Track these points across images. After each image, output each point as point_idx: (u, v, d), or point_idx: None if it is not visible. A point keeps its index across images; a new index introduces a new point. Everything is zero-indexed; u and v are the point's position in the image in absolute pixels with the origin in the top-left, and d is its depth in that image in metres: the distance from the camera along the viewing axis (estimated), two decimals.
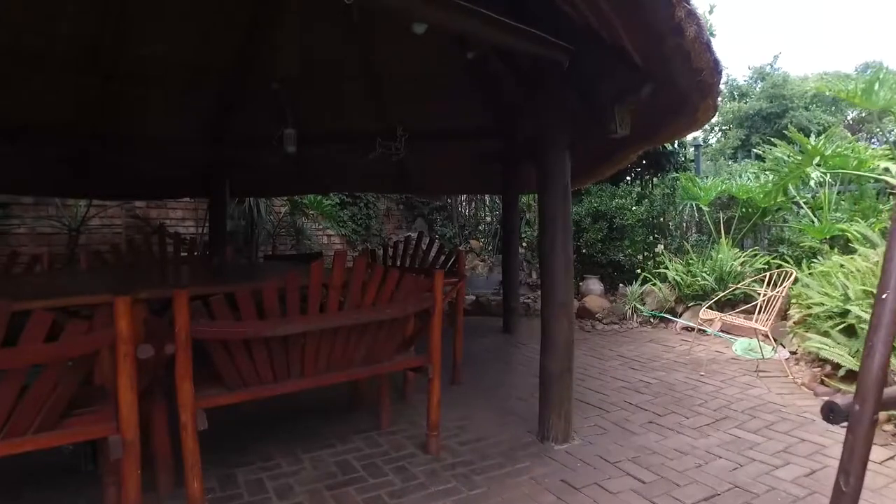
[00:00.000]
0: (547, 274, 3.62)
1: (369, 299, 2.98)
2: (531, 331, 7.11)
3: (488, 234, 10.98)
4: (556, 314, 3.62)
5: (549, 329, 3.66)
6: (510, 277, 6.96)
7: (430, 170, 7.42)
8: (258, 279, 3.93)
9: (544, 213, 3.64)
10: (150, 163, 6.65)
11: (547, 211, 3.62)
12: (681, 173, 8.12)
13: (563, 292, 3.61)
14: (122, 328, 2.28)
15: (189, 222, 8.64)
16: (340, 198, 10.18)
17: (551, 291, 3.62)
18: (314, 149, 7.02)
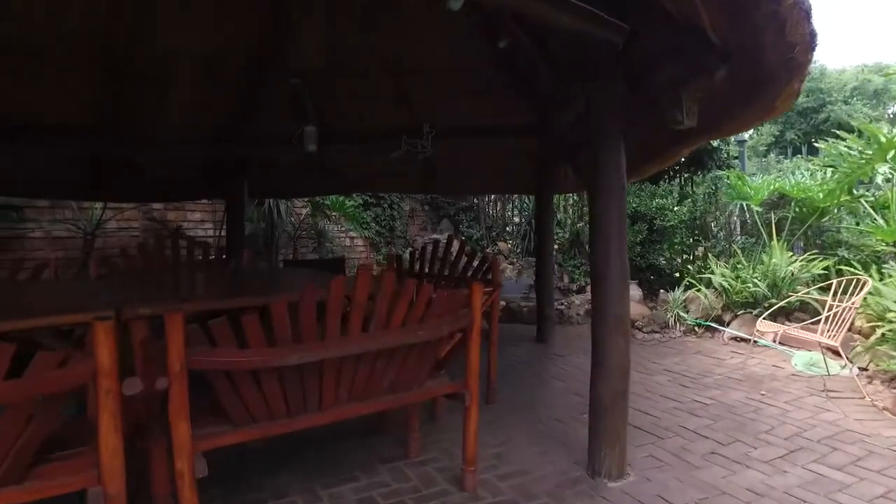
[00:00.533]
0: (600, 284, 3.15)
1: (398, 319, 2.54)
2: (567, 340, 6.63)
3: (516, 235, 10.50)
4: (611, 331, 3.14)
5: (602, 348, 3.17)
6: (544, 283, 6.48)
7: (459, 169, 6.97)
8: (273, 291, 3.52)
9: (598, 215, 3.16)
10: (165, 163, 6.32)
11: (600, 213, 3.15)
12: (727, 171, 7.54)
13: (619, 305, 3.13)
14: (103, 359, 1.88)
15: (208, 225, 8.32)
16: (364, 198, 9.79)
17: (605, 304, 3.14)
18: (336, 147, 6.62)
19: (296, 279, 4.26)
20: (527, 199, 10.69)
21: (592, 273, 3.24)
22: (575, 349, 6.19)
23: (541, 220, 6.52)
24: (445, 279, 4.94)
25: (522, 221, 10.58)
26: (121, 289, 3.64)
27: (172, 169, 6.32)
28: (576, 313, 7.65)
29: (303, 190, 7.37)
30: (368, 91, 6.42)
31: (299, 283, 4.06)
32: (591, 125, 3.24)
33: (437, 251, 5.23)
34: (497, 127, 6.42)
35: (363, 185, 7.22)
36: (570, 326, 7.44)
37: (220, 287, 4.00)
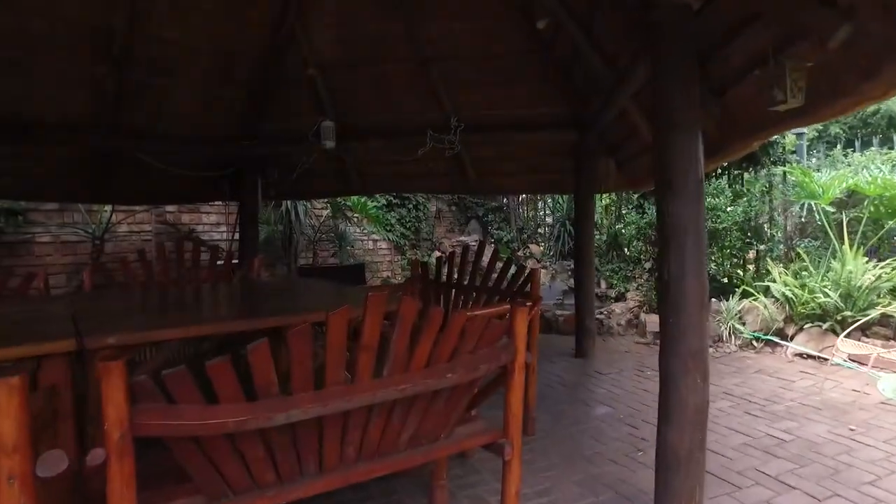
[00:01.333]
0: (672, 310, 2.50)
1: (421, 359, 1.95)
2: (609, 355, 5.96)
3: (549, 237, 9.83)
4: (687, 368, 2.49)
5: (674, 387, 2.53)
6: (584, 292, 5.83)
7: (490, 166, 6.36)
8: (277, 308, 2.97)
9: (668, 221, 2.52)
10: (172, 161, 5.84)
11: (671, 218, 2.51)
12: (789, 166, 6.77)
13: (697, 337, 2.49)
14: (5, 431, 1.33)
15: (223, 228, 7.87)
16: (387, 199, 9.25)
17: (679, 333, 2.50)
18: (356, 143, 6.09)
19: (307, 294, 3.71)
20: (560, 199, 10.01)
21: (661, 295, 2.59)
22: (619, 366, 5.53)
23: (580, 223, 5.87)
24: (477, 291, 4.33)
25: (556, 222, 9.91)
26: (104, 307, 3.13)
27: (181, 168, 5.84)
28: (616, 324, 6.97)
29: (321, 190, 6.85)
30: (390, 82, 5.87)
31: (310, 299, 3.50)
32: (658, 110, 2.60)
33: (466, 258, 4.62)
34: (532, 120, 5.81)
35: (385, 185, 6.67)
36: (611, 338, 6.77)
37: (218, 305, 3.46)
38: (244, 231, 6.14)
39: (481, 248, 4.57)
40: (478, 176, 6.41)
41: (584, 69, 5.07)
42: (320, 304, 3.18)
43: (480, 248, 4.57)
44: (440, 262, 4.83)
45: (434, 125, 5.95)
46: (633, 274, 8.30)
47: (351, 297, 3.40)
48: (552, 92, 5.62)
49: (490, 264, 4.40)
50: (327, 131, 5.79)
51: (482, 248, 4.56)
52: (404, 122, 6.08)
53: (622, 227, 8.29)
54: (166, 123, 5.58)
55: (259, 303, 3.45)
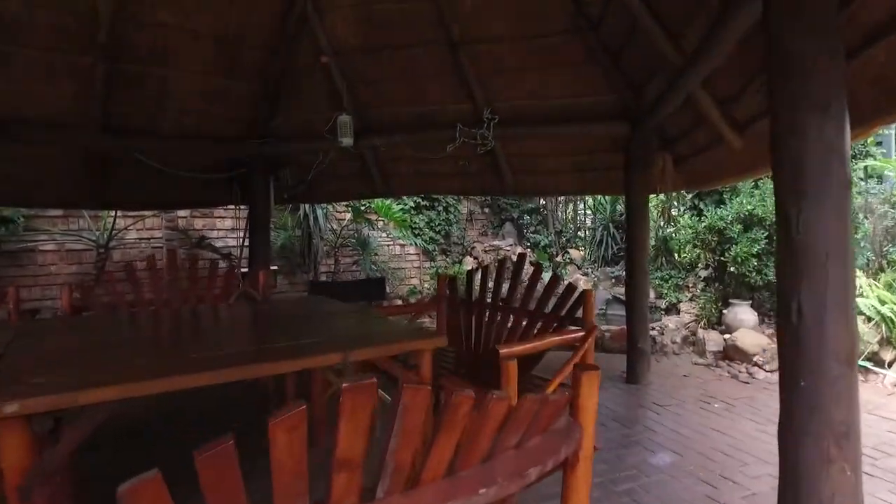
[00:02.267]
0: (806, 363, 1.73)
1: (437, 466, 1.23)
2: (665, 380, 5.13)
3: (591, 241, 9.00)
4: (827, 453, 1.71)
5: (808, 481, 1.76)
6: (637, 308, 5.02)
7: (528, 164, 5.61)
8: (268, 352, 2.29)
9: (799, 241, 1.74)
10: (175, 164, 5.27)
11: (805, 237, 1.73)
12: (872, 160, 5.83)
13: (845, 407, 1.70)
14: None
15: (240, 233, 7.29)
16: (415, 201, 8.55)
17: (817, 403, 1.72)
18: (377, 140, 5.40)
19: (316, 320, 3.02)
20: (602, 200, 9.16)
21: (787, 342, 1.81)
22: (680, 395, 4.71)
23: (632, 228, 5.06)
24: (515, 314, 3.59)
25: (597, 225, 9.07)
26: (51, 343, 2.51)
27: (184, 170, 5.26)
28: (671, 340, 6.12)
29: (340, 193, 6.20)
30: (415, 70, 5.17)
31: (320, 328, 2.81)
32: (778, 77, 1.81)
33: (502, 272, 3.89)
34: (576, 110, 5.04)
35: (411, 186, 5.99)
36: (665, 358, 5.92)
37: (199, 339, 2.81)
38: (254, 238, 5.53)
39: (521, 260, 3.82)
40: (514, 175, 5.65)
41: (639, 50, 4.28)
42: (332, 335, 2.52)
43: (520, 261, 3.83)
44: (471, 277, 4.10)
45: (465, 118, 5.24)
46: (685, 283, 7.42)
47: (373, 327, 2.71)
48: (600, 78, 4.83)
49: (532, 280, 3.65)
50: (344, 127, 5.13)
51: (522, 261, 3.81)
52: (431, 116, 5.38)
53: (674, 230, 7.42)
54: (165, 120, 5.00)
55: (251, 335, 2.78)
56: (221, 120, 5.31)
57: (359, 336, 2.49)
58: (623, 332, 6.13)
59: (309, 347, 2.27)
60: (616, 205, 9.01)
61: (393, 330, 2.68)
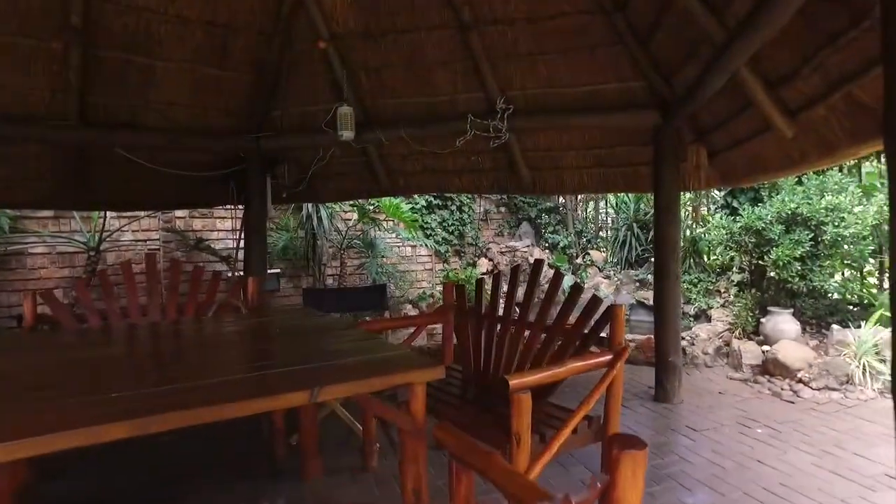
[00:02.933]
0: None
1: None
2: (698, 398, 4.59)
3: (613, 242, 8.44)
4: None
5: None
6: (667, 318, 4.49)
7: (546, 159, 5.10)
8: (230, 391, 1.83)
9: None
10: (165, 161, 4.87)
11: None
12: None
13: None
14: None
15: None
16: (427, 199, 8.08)
17: None
18: (380, 133, 4.94)
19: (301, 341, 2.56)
20: (626, 198, 8.59)
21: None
22: (716, 417, 4.17)
23: (661, 228, 4.53)
24: (531, 328, 3.10)
25: (620, 225, 8.50)
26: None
27: (174, 168, 4.85)
28: (703, 352, 5.56)
29: (343, 191, 5.74)
30: (422, 56, 4.70)
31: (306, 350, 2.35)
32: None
33: (516, 279, 3.40)
34: (600, 99, 4.53)
35: (419, 184, 5.51)
36: (697, 371, 5.37)
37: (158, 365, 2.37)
38: (250, 240, 5.10)
39: (537, 266, 3.32)
40: (530, 171, 5.15)
41: (673, 29, 3.75)
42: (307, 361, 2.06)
43: (536, 267, 3.32)
44: (480, 285, 3.61)
45: (476, 109, 4.75)
46: (715, 287, 6.84)
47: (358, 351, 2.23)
48: (626, 63, 4.32)
49: (551, 290, 3.15)
50: (344, 119, 4.68)
51: (539, 267, 3.31)
52: (439, 106, 4.91)
53: (704, 230, 6.84)
54: (151, 113, 4.59)
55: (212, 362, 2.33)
56: (214, 113, 4.89)
57: (337, 365, 2.02)
58: (650, 342, 5.60)
59: (271, 382, 1.81)
60: (640, 203, 8.44)
61: (381, 356, 2.21)
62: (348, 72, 4.79)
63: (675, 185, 4.51)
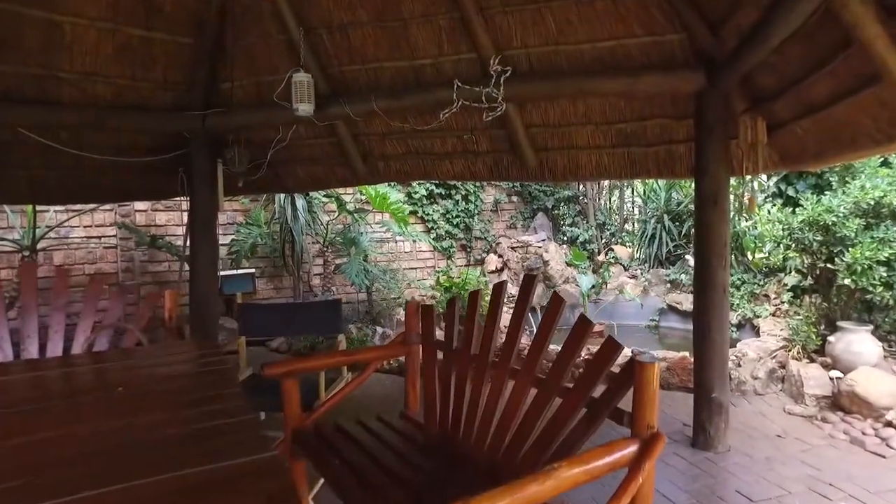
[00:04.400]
0: None
1: None
2: (751, 443, 3.47)
3: (641, 236, 7.26)
4: None
5: None
6: (711, 338, 3.37)
7: (555, 136, 4.00)
8: None
9: None
10: (92, 144, 3.94)
11: None
12: None
13: None
14: None
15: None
16: (428, 188, 7.04)
17: None
18: (348, 107, 3.89)
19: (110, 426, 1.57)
20: (655, 185, 7.39)
21: None
22: (778, 476, 3.06)
23: (705, 225, 3.40)
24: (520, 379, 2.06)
25: (649, 217, 7.31)
26: None
27: (108, 152, 3.92)
28: (751, 375, 4.40)
29: (311, 180, 4.71)
30: (397, 9, 3.62)
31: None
32: None
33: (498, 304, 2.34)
34: (623, 57, 3.41)
35: (400, 170, 4.43)
36: (744, 401, 4.23)
37: None
38: (196, 239, 4.13)
39: (527, 286, 2.24)
40: (536, 153, 4.05)
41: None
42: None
43: (526, 287, 2.25)
44: (453, 308, 2.55)
45: (466, 74, 3.69)
46: (763, 291, 5.65)
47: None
48: (657, 11, 3.18)
49: (546, 321, 2.09)
50: (301, 89, 3.66)
51: (529, 287, 2.23)
52: (421, 73, 3.85)
53: (751, 223, 5.65)
54: (63, 86, 3.64)
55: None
56: (146, 85, 3.93)
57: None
58: (685, 363, 4.48)
59: None
60: (671, 191, 7.24)
61: (211, 467, 1.19)
62: (306, 30, 3.76)
63: (724, 169, 3.37)
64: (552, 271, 6.86)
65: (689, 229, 6.85)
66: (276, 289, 6.20)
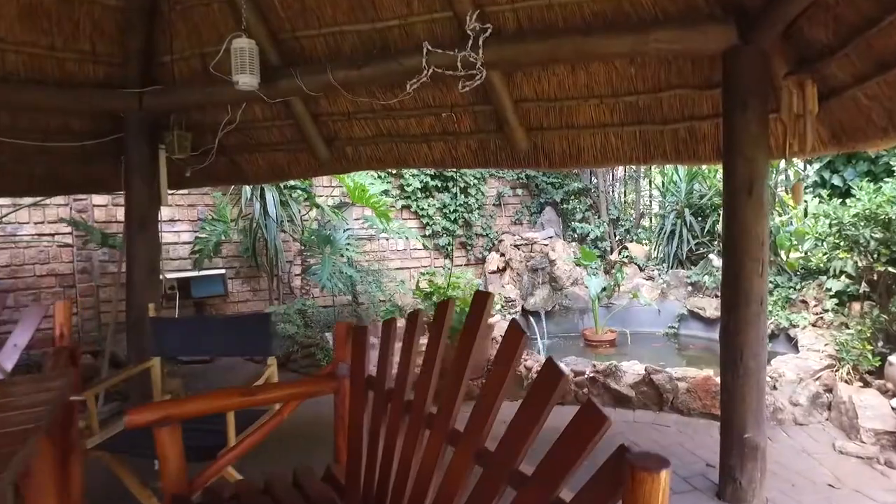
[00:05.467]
0: None
1: None
2: (794, 496, 2.70)
3: (658, 233, 6.46)
4: None
5: None
6: (745, 369, 2.62)
7: (550, 113, 3.27)
8: None
9: None
10: (5, 124, 3.34)
11: None
12: None
13: None
14: None
15: (182, 225, 5.35)
16: (422, 179, 6.33)
17: None
18: (302, 80, 3.22)
19: None
20: (674, 174, 6.59)
21: None
22: None
23: (737, 222, 2.64)
24: (457, 445, 1.35)
25: (668, 211, 6.50)
26: None
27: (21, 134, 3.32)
28: (790, 400, 3.62)
29: (271, 170, 4.02)
30: None
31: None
32: None
33: (437, 337, 1.64)
34: (632, 11, 2.67)
35: (369, 157, 3.70)
36: (781, 432, 3.46)
37: None
38: (132, 242, 3.50)
39: (479, 303, 1.52)
40: (529, 132, 3.33)
41: None
42: None
43: (478, 305, 1.53)
44: (388, 330, 1.85)
45: (439, 36, 2.98)
46: (801, 296, 4.83)
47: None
48: None
49: (499, 364, 1.38)
50: (242, 58, 3.00)
51: (480, 309, 1.51)
52: (388, 36, 3.14)
53: (787, 217, 4.84)
54: None
55: None
56: (69, 57, 3.31)
57: None
58: (708, 384, 3.73)
59: None
60: (693, 182, 6.42)
61: None
62: None
63: (762, 150, 2.61)
64: (559, 272, 6.11)
65: (714, 225, 6.03)
66: (253, 291, 5.58)
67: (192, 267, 5.02)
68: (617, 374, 3.94)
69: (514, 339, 1.36)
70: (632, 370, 3.97)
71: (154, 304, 2.83)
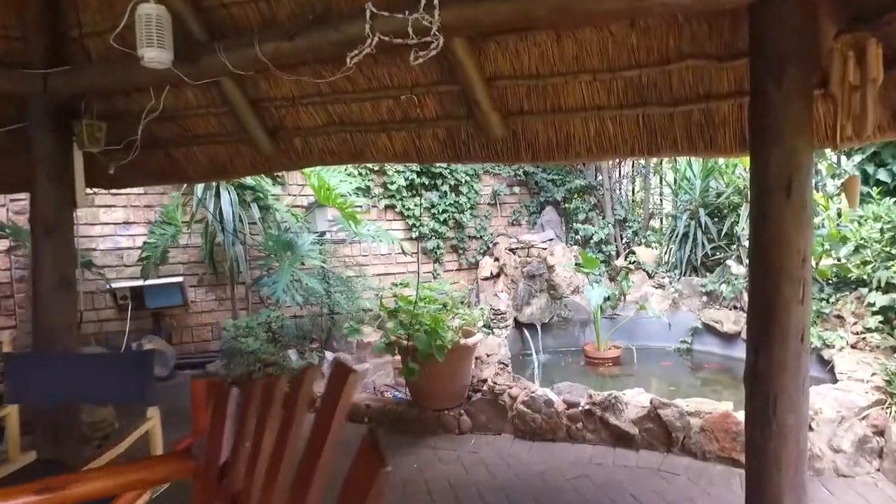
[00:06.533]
0: None
1: None
2: None
3: (669, 236, 5.75)
4: None
5: None
6: (777, 422, 1.95)
7: (531, 93, 2.62)
8: None
9: None
10: None
11: None
12: None
13: None
14: None
15: (138, 228, 4.78)
16: (407, 177, 5.69)
17: None
18: (227, 54, 2.61)
19: None
20: (687, 171, 5.88)
21: None
22: None
23: (769, 228, 1.97)
24: None
25: (680, 211, 5.79)
26: None
27: None
28: (830, 445, 2.93)
29: (210, 167, 3.42)
30: None
31: None
32: None
33: (293, 411, 1.00)
34: None
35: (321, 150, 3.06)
36: (820, 487, 2.78)
37: None
38: (40, 251, 2.92)
39: (340, 376, 0.88)
40: (504, 118, 2.68)
41: None
42: None
43: (338, 378, 0.88)
44: (246, 387, 1.21)
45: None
46: (835, 311, 4.13)
47: None
48: None
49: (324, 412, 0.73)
50: (149, 28, 2.40)
51: (344, 379, 0.87)
52: (324, 1, 2.51)
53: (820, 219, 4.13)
54: None
55: None
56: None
57: None
58: (727, 422, 3.05)
59: None
60: (709, 179, 5.70)
61: None
62: None
63: (804, 135, 1.93)
64: (558, 279, 5.45)
65: (732, 227, 5.32)
66: (219, 300, 5.00)
67: (141, 275, 4.46)
68: (617, 407, 3.27)
69: (340, 378, 0.80)
70: (634, 402, 3.30)
71: (71, 322, 2.25)
